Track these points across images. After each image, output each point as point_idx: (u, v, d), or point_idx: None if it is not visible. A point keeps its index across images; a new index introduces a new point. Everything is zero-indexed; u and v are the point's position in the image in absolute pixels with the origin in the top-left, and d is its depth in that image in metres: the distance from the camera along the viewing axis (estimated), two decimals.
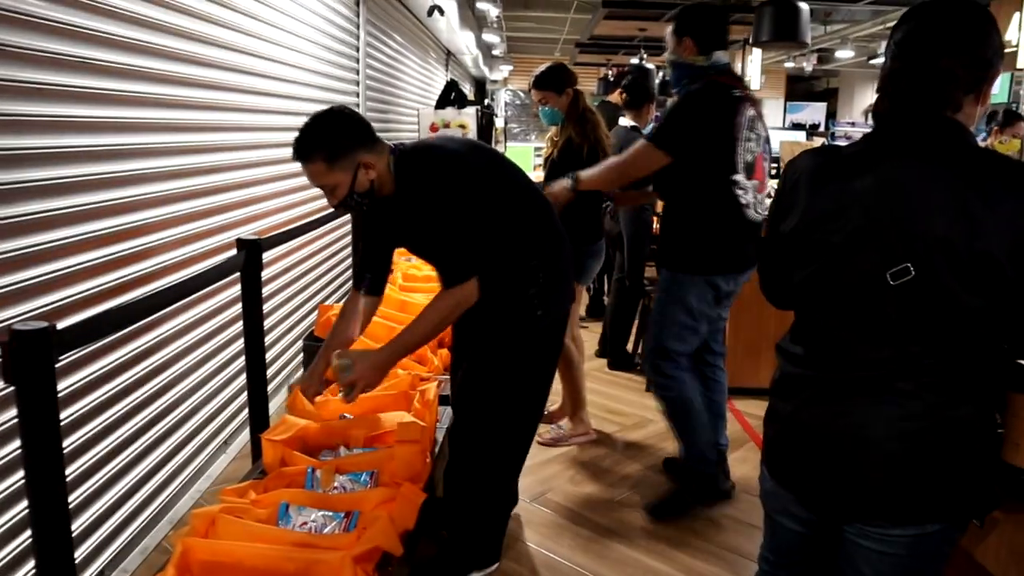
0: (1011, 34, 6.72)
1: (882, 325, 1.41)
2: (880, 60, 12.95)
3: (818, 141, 10.57)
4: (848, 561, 1.56)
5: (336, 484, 2.19)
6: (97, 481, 2.57)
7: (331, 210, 4.63)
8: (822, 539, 1.62)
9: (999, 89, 10.20)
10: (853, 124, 12.34)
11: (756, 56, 10.76)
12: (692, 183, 2.95)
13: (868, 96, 18.06)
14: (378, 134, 2.34)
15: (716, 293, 3.02)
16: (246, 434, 3.47)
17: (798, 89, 18.80)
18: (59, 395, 1.74)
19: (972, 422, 1.43)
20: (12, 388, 1.60)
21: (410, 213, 2.30)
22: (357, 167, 2.22)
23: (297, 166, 2.29)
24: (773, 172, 5.69)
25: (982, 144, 6.39)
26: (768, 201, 2.89)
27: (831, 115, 17.81)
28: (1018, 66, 6.72)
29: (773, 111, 16.98)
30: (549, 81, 3.65)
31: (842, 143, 1.74)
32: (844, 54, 14.06)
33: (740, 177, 2.89)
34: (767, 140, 3.04)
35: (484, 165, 2.36)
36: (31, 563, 2.16)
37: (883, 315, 1.41)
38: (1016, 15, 6.63)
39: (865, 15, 10.03)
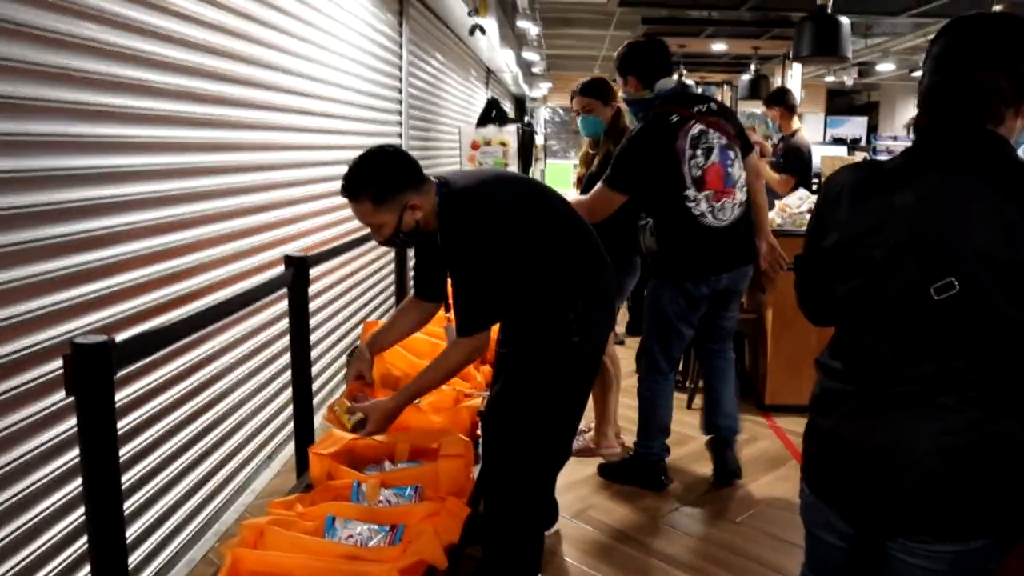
0: None
1: (925, 340, 1.41)
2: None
3: (859, 156, 10.47)
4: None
5: (381, 498, 2.22)
6: (148, 492, 2.63)
7: None
8: (863, 555, 1.61)
9: None
10: (895, 138, 12.19)
11: (796, 71, 10.71)
12: (650, 204, 3.38)
13: (909, 109, 17.82)
14: (421, 155, 2.39)
15: (688, 298, 3.34)
16: (290, 448, 3.52)
17: (838, 103, 18.61)
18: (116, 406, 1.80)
19: (1016, 436, 1.41)
20: (72, 399, 1.66)
21: (448, 254, 2.34)
22: (404, 208, 2.27)
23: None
24: (814, 187, 5.69)
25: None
26: (730, 204, 3.24)
27: (872, 129, 17.59)
28: None
29: (813, 126, 16.81)
30: (597, 90, 3.74)
31: (884, 157, 1.75)
32: (885, 67, 13.92)
33: (691, 191, 3.20)
34: (725, 147, 3.25)
35: (522, 207, 2.38)
36: (86, 569, 2.22)
37: (926, 330, 1.41)
38: None
39: (906, 28, 9.93)
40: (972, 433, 1.40)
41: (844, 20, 6.83)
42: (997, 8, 6.65)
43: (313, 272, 3.07)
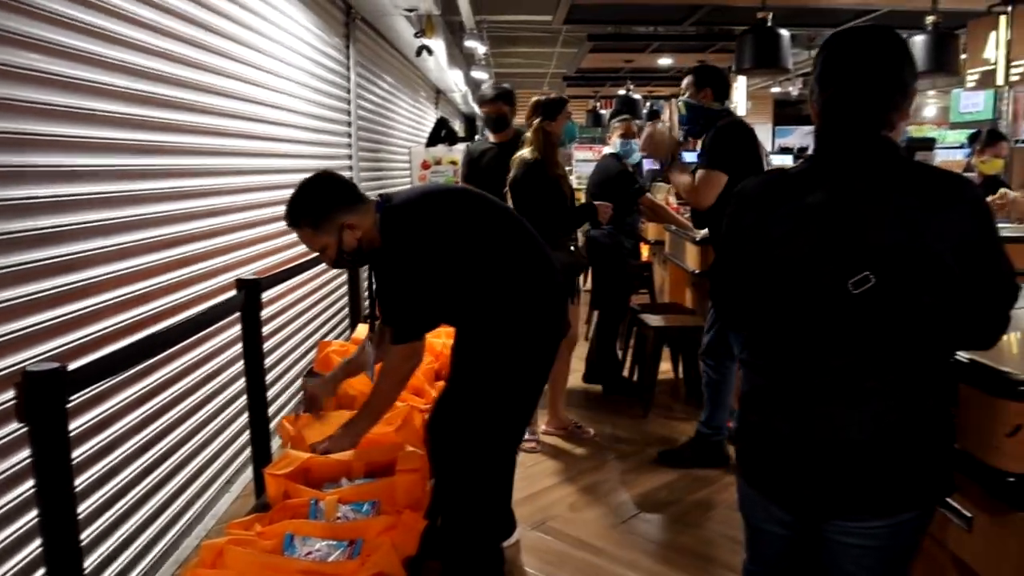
0: (989, 52, 6.89)
1: (847, 332, 1.52)
2: None
3: None
4: (832, 560, 1.66)
5: (339, 514, 2.24)
6: (105, 521, 2.62)
7: None
8: (804, 543, 1.70)
9: (984, 106, 10.35)
10: None
11: (742, 83, 10.93)
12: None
13: None
14: (372, 176, 2.45)
15: None
16: (249, 472, 3.51)
17: (785, 113, 18.99)
18: (70, 435, 1.80)
19: (934, 414, 1.56)
20: (26, 428, 1.66)
21: (384, 265, 2.44)
22: (341, 229, 2.39)
23: None
24: None
25: (965, 162, 6.48)
26: None
27: None
28: (998, 83, 6.88)
29: (761, 136, 17.13)
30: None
31: None
32: None
33: None
34: (770, 162, 3.92)
35: (463, 216, 2.49)
36: None
37: (847, 322, 1.51)
38: (992, 34, 6.80)
39: None
40: (897, 414, 1.53)
41: (784, 33, 7.01)
42: (930, 19, 6.89)
43: (266, 295, 3.09)
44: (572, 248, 4.12)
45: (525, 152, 4.01)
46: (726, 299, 1.77)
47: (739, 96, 10.98)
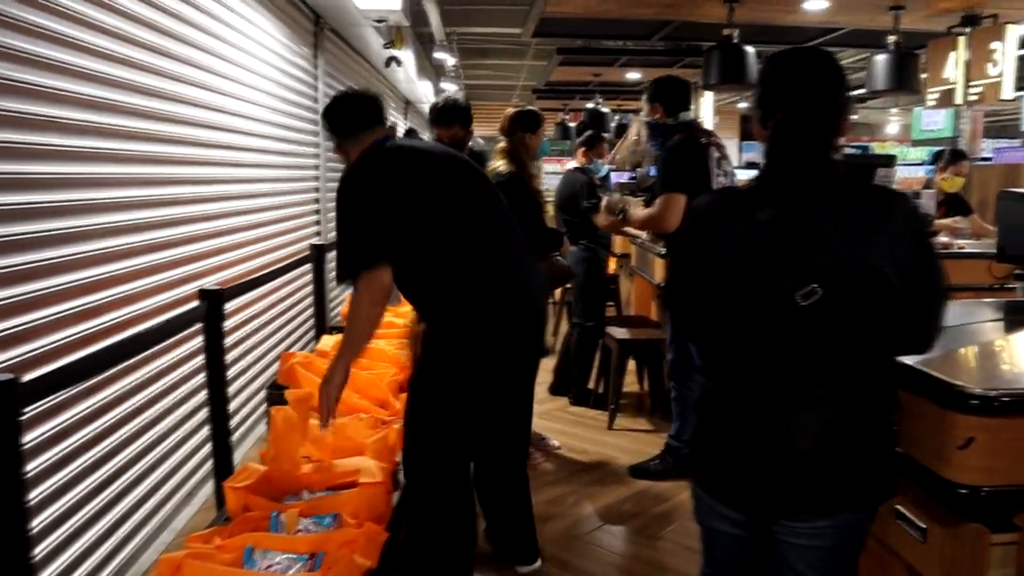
0: (948, 72, 7.04)
1: (795, 341, 1.61)
2: None
3: None
4: (782, 560, 1.73)
5: (300, 527, 2.23)
6: (60, 536, 2.56)
7: (294, 259, 4.70)
8: (757, 545, 1.78)
9: (944, 124, 10.55)
10: None
11: (708, 98, 11.05)
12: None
13: None
14: (336, 184, 2.45)
15: None
16: (210, 485, 3.47)
17: (752, 129, 19.22)
18: (22, 448, 1.77)
19: (877, 419, 1.66)
20: None
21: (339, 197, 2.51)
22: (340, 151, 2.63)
23: (258, 216, 2.38)
24: None
25: (926, 179, 6.61)
26: None
27: None
28: (956, 102, 7.03)
29: (729, 150, 17.33)
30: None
31: None
32: None
33: None
34: (733, 175, 3.84)
35: (442, 180, 2.52)
36: None
37: (796, 332, 1.60)
38: (952, 55, 6.95)
39: None
40: (843, 419, 1.62)
41: (750, 49, 7.12)
42: (892, 39, 7.03)
43: (230, 305, 3.06)
44: (557, 257, 4.09)
45: (500, 165, 3.78)
46: (681, 312, 1.84)
47: (706, 111, 11.09)
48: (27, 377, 1.78)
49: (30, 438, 2.36)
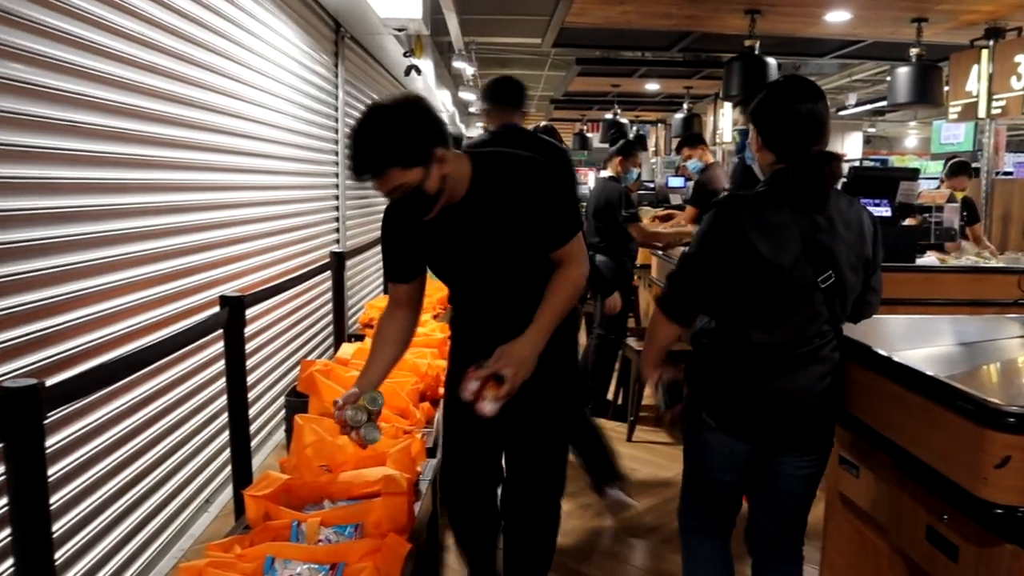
0: (971, 85, 6.98)
1: (814, 313, 2.08)
2: (848, 111, 13.26)
3: None
4: (777, 484, 2.23)
5: (321, 537, 2.21)
6: (81, 540, 2.57)
7: (313, 266, 4.70)
8: (744, 487, 2.30)
9: (964, 138, 10.47)
10: None
11: (728, 110, 11.01)
12: None
13: (838, 146, 18.38)
14: (359, 195, 2.42)
15: None
16: (228, 492, 3.46)
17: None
18: (46, 452, 1.76)
19: (841, 372, 2.19)
20: (1, 445, 1.63)
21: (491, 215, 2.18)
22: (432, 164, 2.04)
23: (279, 223, 2.34)
24: None
25: (949, 192, 6.61)
26: None
27: None
28: (979, 116, 6.97)
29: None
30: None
31: None
32: None
33: None
34: None
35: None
36: None
37: (815, 306, 2.07)
38: (975, 67, 6.89)
39: (833, 68, 10.33)
40: (834, 372, 2.15)
41: (771, 61, 7.08)
42: (914, 52, 6.99)
43: (250, 312, 3.06)
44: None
45: None
46: (691, 298, 2.18)
47: (725, 123, 11.06)
48: (51, 381, 1.77)
49: (51, 442, 2.36)
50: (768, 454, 2.20)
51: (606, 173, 5.23)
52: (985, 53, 6.81)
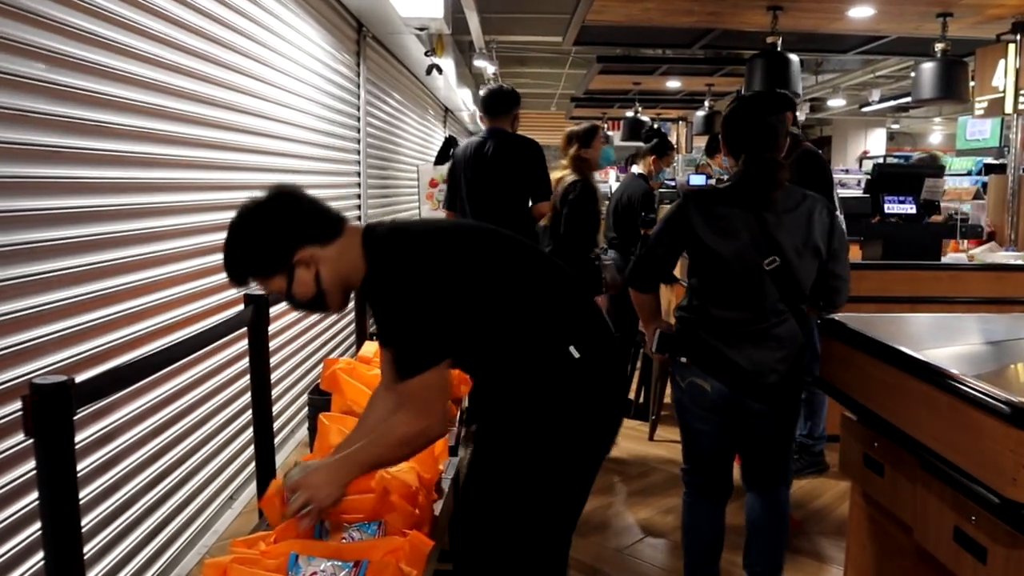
0: (998, 80, 6.89)
1: (765, 292, 2.48)
2: (871, 107, 13.15)
3: None
4: (750, 432, 2.63)
5: (345, 534, 2.22)
6: (108, 535, 2.60)
7: None
8: (725, 439, 2.65)
9: (990, 134, 10.35)
10: (847, 171, 12.46)
11: None
12: None
13: (861, 143, 18.25)
14: (380, 193, 2.42)
15: None
16: (251, 488, 3.49)
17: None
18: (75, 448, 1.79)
19: (801, 340, 2.58)
20: (31, 441, 1.65)
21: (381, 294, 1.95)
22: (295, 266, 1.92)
23: None
24: None
25: (976, 189, 6.57)
26: None
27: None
28: (1006, 111, 6.88)
29: None
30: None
31: (840, 190, 2.72)
32: (836, 102, 14.29)
33: None
34: None
35: (469, 248, 2.01)
36: None
37: (762, 287, 2.48)
38: (1002, 62, 6.80)
39: (855, 64, 10.25)
40: (788, 343, 2.53)
41: (793, 58, 7.02)
42: (939, 47, 6.91)
43: (273, 310, 3.08)
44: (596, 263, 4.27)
45: (566, 175, 4.22)
46: (649, 267, 2.68)
47: None
48: (80, 378, 1.79)
49: (79, 439, 2.39)
50: (736, 401, 2.55)
51: (636, 169, 5.23)
52: (1012, 47, 6.71)
